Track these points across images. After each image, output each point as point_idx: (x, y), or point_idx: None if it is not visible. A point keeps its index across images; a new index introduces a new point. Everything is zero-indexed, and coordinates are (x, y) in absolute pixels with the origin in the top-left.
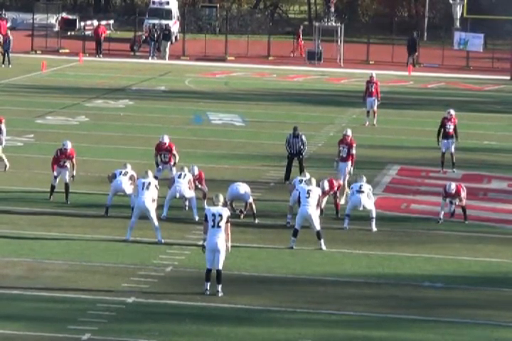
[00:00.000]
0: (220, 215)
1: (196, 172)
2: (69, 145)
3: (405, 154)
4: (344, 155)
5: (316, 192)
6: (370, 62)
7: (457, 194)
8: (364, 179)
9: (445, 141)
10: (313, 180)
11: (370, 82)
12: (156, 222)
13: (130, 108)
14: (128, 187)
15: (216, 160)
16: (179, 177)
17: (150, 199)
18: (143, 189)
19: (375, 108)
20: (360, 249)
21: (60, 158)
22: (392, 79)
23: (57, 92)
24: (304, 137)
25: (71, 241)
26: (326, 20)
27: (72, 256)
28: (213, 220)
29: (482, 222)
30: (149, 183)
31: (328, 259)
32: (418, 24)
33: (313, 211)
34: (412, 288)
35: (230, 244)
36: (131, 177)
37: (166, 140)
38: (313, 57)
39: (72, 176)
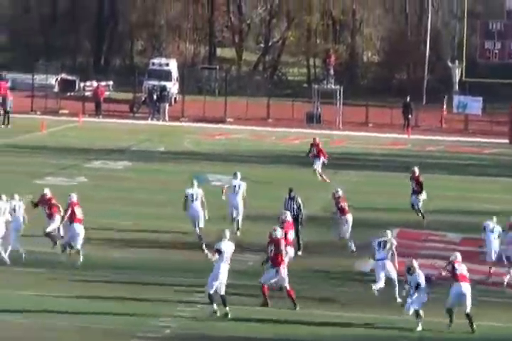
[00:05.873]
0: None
1: None
2: (74, 197)
3: (403, 217)
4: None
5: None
6: (369, 125)
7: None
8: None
9: (412, 197)
10: (388, 232)
11: (313, 145)
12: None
13: (129, 169)
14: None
15: (217, 222)
16: (194, 199)
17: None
18: None
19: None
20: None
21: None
22: (390, 142)
23: (57, 153)
24: (299, 199)
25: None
26: (325, 82)
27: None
28: (225, 256)
29: (488, 287)
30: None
31: None
32: (417, 87)
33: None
34: None
35: None
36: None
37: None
38: (312, 120)
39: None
